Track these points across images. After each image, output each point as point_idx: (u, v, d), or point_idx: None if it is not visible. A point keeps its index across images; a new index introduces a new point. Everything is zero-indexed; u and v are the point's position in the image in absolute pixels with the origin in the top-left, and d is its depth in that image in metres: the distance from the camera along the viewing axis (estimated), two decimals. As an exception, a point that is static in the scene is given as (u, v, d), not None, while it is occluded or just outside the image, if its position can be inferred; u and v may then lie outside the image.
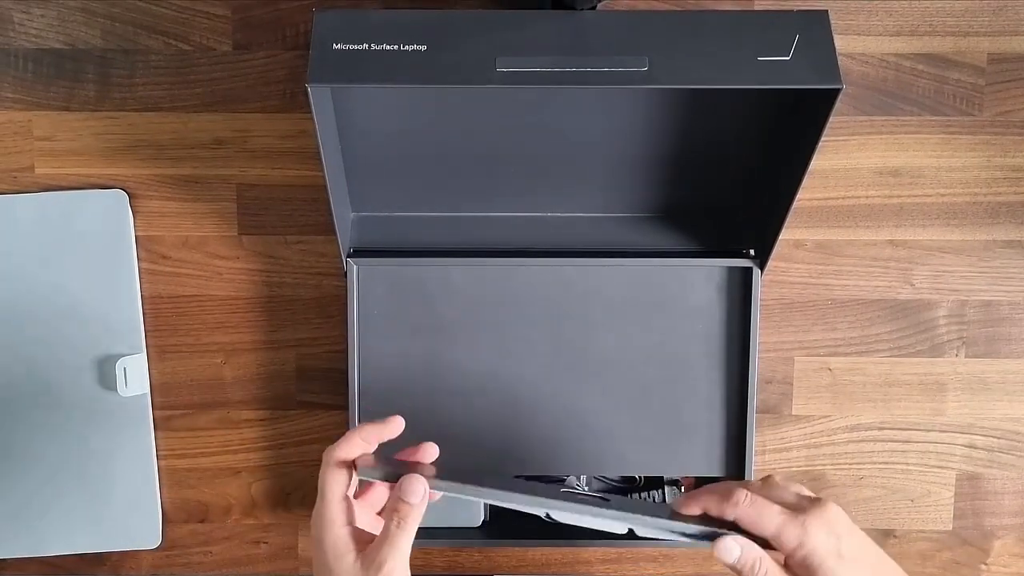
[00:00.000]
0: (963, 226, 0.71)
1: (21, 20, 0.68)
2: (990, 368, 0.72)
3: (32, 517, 0.70)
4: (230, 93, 0.69)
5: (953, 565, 0.73)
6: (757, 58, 0.53)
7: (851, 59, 0.69)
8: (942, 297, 0.71)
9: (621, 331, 0.68)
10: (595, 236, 0.69)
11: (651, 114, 0.62)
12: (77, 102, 0.69)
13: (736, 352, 0.68)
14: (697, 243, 0.69)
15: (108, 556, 0.72)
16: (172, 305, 0.70)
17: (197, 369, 0.71)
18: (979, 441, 0.72)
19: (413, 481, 0.50)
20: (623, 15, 0.57)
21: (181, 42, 0.68)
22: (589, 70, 0.53)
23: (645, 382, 0.68)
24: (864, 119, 0.70)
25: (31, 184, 0.69)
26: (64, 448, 0.70)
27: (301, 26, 0.68)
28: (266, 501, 0.72)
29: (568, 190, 0.67)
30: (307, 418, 0.72)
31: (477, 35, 0.53)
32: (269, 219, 0.70)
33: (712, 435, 0.69)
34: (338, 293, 0.70)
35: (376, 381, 0.67)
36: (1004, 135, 0.70)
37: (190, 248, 0.70)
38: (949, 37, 0.69)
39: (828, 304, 0.71)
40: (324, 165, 0.58)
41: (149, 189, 0.70)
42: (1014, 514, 0.73)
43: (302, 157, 0.69)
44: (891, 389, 0.72)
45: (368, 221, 0.69)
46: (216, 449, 0.72)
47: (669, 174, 0.66)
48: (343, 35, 0.53)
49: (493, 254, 0.68)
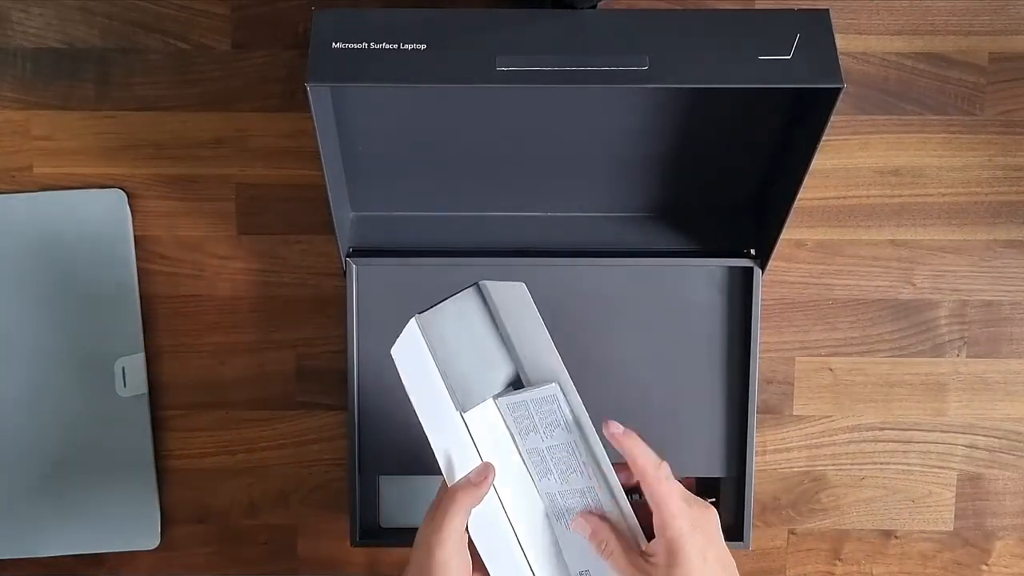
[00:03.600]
0: (964, 226, 0.71)
1: (20, 19, 0.68)
2: (991, 368, 0.72)
3: (31, 517, 0.70)
4: (229, 92, 0.68)
5: (954, 566, 0.73)
6: (758, 57, 0.53)
7: (852, 58, 0.69)
8: (943, 297, 0.71)
9: (621, 331, 0.68)
10: (595, 236, 0.69)
11: (651, 114, 0.62)
12: (76, 101, 0.68)
13: (737, 352, 0.68)
14: (698, 243, 0.69)
15: (107, 557, 0.72)
16: (171, 305, 0.70)
17: (196, 369, 0.71)
18: (980, 441, 0.72)
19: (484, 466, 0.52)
20: (623, 14, 0.57)
21: (180, 41, 0.68)
22: (589, 69, 0.53)
23: (645, 382, 0.68)
24: (865, 118, 0.69)
25: (29, 184, 0.69)
26: (63, 448, 0.69)
27: (300, 25, 0.68)
28: (266, 501, 0.72)
29: (568, 190, 0.67)
30: (307, 418, 0.71)
31: (477, 34, 0.53)
32: (268, 219, 0.70)
33: (712, 435, 0.69)
34: (337, 293, 0.70)
35: (376, 381, 0.67)
36: (1005, 134, 0.70)
37: (189, 248, 0.70)
38: (951, 36, 0.69)
39: (829, 304, 0.71)
40: (323, 165, 0.58)
41: (148, 189, 0.69)
42: (1015, 514, 0.73)
43: (301, 157, 0.69)
44: (892, 389, 0.72)
45: (367, 221, 0.69)
46: (216, 449, 0.71)
47: (669, 174, 0.66)
48: (343, 34, 0.53)
49: (493, 254, 0.68)
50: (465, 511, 0.50)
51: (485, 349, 0.53)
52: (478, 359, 0.53)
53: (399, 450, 0.67)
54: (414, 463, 0.68)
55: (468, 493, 0.51)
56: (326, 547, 0.72)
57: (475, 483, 0.51)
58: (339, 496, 0.72)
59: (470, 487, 0.51)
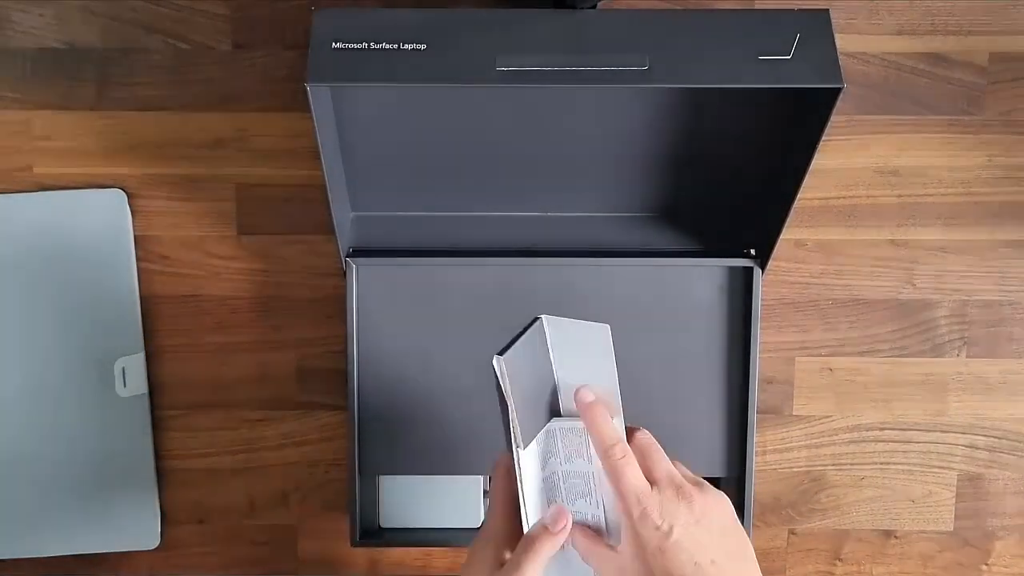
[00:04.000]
0: (965, 226, 0.71)
1: (20, 19, 0.68)
2: (991, 368, 0.72)
3: (31, 517, 0.70)
4: (229, 92, 0.68)
5: (954, 566, 0.73)
6: (758, 57, 0.53)
7: (852, 58, 0.69)
8: (943, 297, 0.71)
9: (621, 331, 0.68)
10: (595, 236, 0.69)
11: (651, 114, 0.62)
12: (76, 101, 0.68)
13: (737, 352, 0.68)
14: (698, 243, 0.69)
15: (107, 557, 0.72)
16: (171, 305, 0.70)
17: (196, 369, 0.71)
18: (980, 441, 0.72)
19: (558, 511, 0.50)
20: (623, 14, 0.57)
21: (180, 41, 0.68)
22: (589, 69, 0.53)
23: (645, 382, 0.68)
24: (865, 118, 0.69)
25: (30, 184, 0.69)
26: (63, 448, 0.69)
27: (301, 25, 0.68)
28: (266, 501, 0.72)
29: (568, 190, 0.67)
30: (307, 418, 0.71)
31: (477, 34, 0.53)
32: (268, 219, 0.70)
33: (712, 435, 0.69)
34: (338, 293, 0.70)
35: (376, 381, 0.67)
36: (1006, 134, 0.70)
37: (189, 248, 0.70)
38: (951, 36, 0.69)
39: (829, 304, 0.71)
40: (323, 165, 0.58)
41: (148, 189, 0.69)
42: (1015, 514, 0.73)
43: (301, 157, 0.69)
44: (892, 389, 0.72)
45: (367, 221, 0.69)
46: (216, 449, 0.71)
47: (669, 174, 0.66)
48: (343, 34, 0.53)
49: (493, 254, 0.68)
50: (543, 562, 0.49)
51: (541, 386, 0.53)
52: (535, 397, 0.52)
53: (399, 450, 0.67)
54: (414, 463, 0.68)
55: (547, 542, 0.49)
56: (326, 547, 0.72)
57: (553, 532, 0.49)
58: (339, 496, 0.72)
59: (548, 535, 0.49)
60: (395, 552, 0.72)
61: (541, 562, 0.48)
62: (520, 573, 0.47)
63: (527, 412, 0.50)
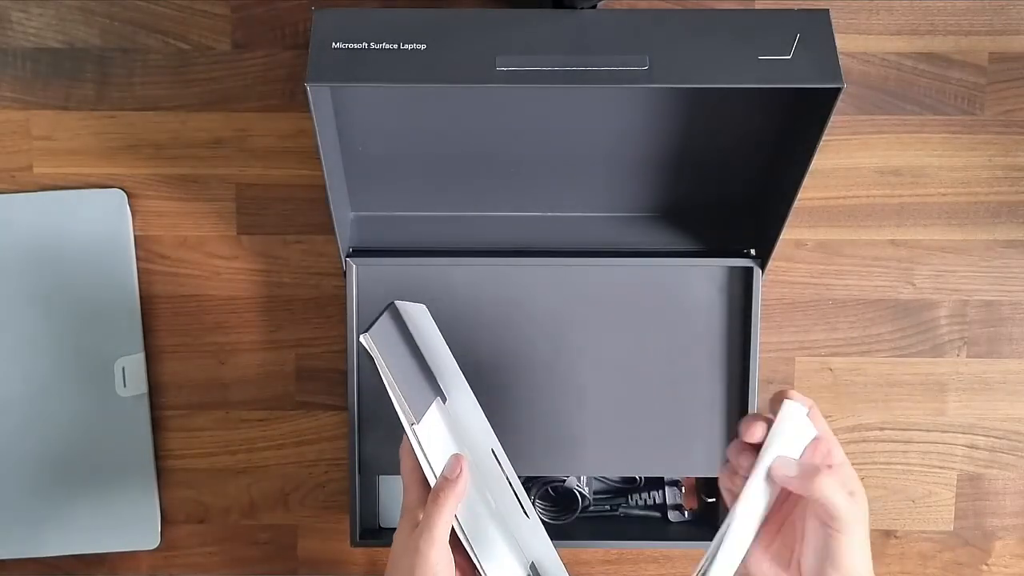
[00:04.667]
0: (965, 226, 0.71)
1: (19, 19, 0.68)
2: (991, 368, 0.72)
3: (31, 517, 0.70)
4: (229, 92, 0.68)
5: (954, 566, 0.73)
6: (758, 57, 0.53)
7: (852, 58, 0.69)
8: (943, 297, 0.71)
9: (621, 331, 0.68)
10: (595, 236, 0.69)
11: (652, 114, 0.62)
12: (75, 101, 0.68)
13: (737, 352, 0.68)
14: (698, 243, 0.69)
15: (107, 557, 0.72)
16: (171, 305, 0.70)
17: (196, 369, 0.71)
18: (980, 441, 0.72)
19: (453, 459, 0.53)
20: (623, 14, 0.57)
21: (180, 41, 0.68)
22: (589, 69, 0.52)
23: (645, 382, 0.68)
24: (865, 118, 0.69)
25: (29, 184, 0.69)
26: (63, 448, 0.69)
27: (300, 25, 0.68)
28: (265, 501, 0.72)
29: (568, 190, 0.67)
30: (306, 418, 0.71)
31: (477, 34, 0.53)
32: (268, 219, 0.70)
33: (712, 435, 0.69)
34: (337, 293, 0.70)
35: (376, 381, 0.67)
36: (1006, 134, 0.70)
37: (189, 248, 0.70)
38: (950, 36, 0.69)
39: (829, 304, 0.71)
40: (323, 165, 0.58)
41: (148, 189, 0.69)
42: (1015, 514, 0.73)
43: (301, 157, 0.69)
44: (892, 389, 0.72)
45: (367, 221, 0.69)
46: (215, 449, 0.71)
47: (669, 174, 0.66)
48: (342, 34, 0.53)
49: (493, 254, 0.68)
50: (451, 510, 0.51)
51: (415, 363, 0.57)
52: (414, 373, 0.56)
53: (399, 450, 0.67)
54: (414, 463, 0.68)
55: (449, 490, 0.51)
56: (326, 547, 0.72)
57: (452, 479, 0.52)
58: (339, 496, 0.72)
59: (448, 484, 0.52)
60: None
61: (449, 510, 0.51)
62: (432, 526, 0.50)
63: (409, 387, 0.53)
